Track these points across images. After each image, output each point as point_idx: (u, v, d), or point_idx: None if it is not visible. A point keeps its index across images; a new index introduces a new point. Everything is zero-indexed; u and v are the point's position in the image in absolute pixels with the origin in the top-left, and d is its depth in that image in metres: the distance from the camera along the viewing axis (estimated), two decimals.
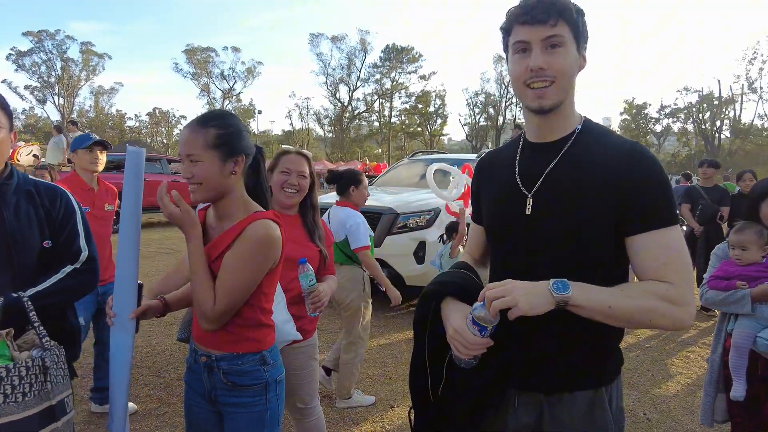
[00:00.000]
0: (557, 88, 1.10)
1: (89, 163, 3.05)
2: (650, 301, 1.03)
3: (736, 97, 53.18)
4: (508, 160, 1.28)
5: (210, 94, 62.35)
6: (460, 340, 1.08)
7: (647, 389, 3.74)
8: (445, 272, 1.31)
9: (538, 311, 1.01)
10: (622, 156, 1.10)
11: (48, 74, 55.10)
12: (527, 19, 1.09)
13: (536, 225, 1.16)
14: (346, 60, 58.90)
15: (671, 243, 1.07)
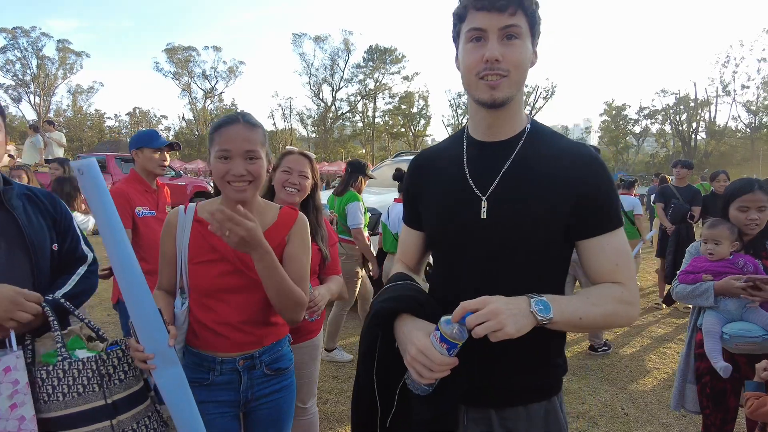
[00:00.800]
0: (510, 82, 1.05)
1: (157, 165, 2.83)
2: (612, 306, 1.07)
3: (711, 100, 54.48)
4: (453, 159, 1.19)
5: (191, 93, 61.61)
6: (424, 361, 0.97)
7: (625, 385, 3.84)
8: (394, 285, 1.17)
9: (522, 333, 0.96)
10: (576, 160, 1.10)
11: (23, 72, 53.79)
12: (485, 4, 1.02)
13: (492, 229, 1.10)
14: (330, 60, 58.77)
15: (620, 245, 1.11)
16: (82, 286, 1.53)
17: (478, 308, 0.95)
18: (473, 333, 0.94)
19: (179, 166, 26.93)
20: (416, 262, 1.35)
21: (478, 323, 0.93)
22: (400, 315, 1.10)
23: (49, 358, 1.30)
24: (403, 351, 1.04)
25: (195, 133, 60.82)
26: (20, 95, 54.50)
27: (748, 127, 53.59)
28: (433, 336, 0.99)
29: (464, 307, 0.96)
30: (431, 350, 0.97)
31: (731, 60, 52.24)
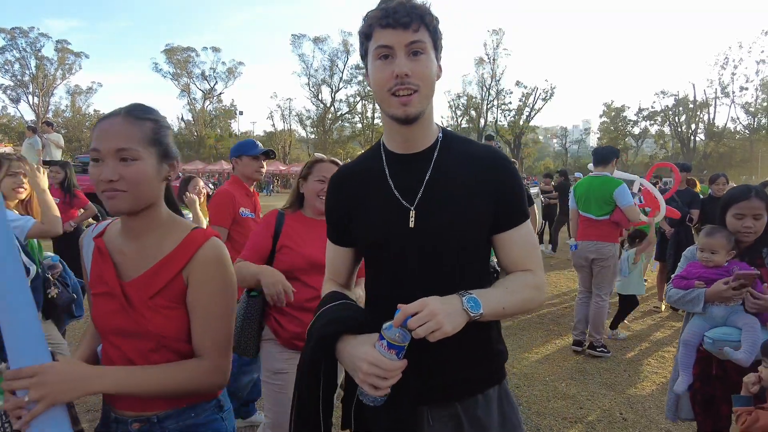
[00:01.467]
0: (421, 96, 1.09)
1: (254, 171, 3.05)
2: (527, 293, 1.17)
3: (710, 101, 54.56)
4: (376, 173, 1.22)
5: (190, 94, 61.59)
6: (377, 371, 1.00)
7: (623, 389, 3.82)
8: (331, 307, 1.17)
9: (458, 330, 1.02)
10: (488, 162, 1.18)
11: (22, 73, 53.79)
12: (390, 22, 1.06)
13: (422, 237, 1.15)
14: (329, 61, 58.81)
15: (528, 236, 1.22)
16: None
17: (417, 311, 0.99)
18: (414, 334, 0.99)
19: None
20: (347, 278, 1.37)
21: (419, 325, 0.98)
22: (342, 336, 1.11)
23: None
24: (352, 370, 1.06)
25: (194, 134, 60.80)
26: (19, 96, 54.50)
27: (746, 129, 53.67)
28: (379, 345, 1.02)
29: (405, 311, 1.00)
30: (382, 360, 1.01)
31: (730, 62, 52.36)
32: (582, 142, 76.89)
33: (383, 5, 1.09)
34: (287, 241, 2.10)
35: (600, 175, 4.57)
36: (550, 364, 4.26)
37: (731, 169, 46.98)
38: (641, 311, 5.94)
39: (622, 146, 61.26)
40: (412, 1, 1.09)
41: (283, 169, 46.14)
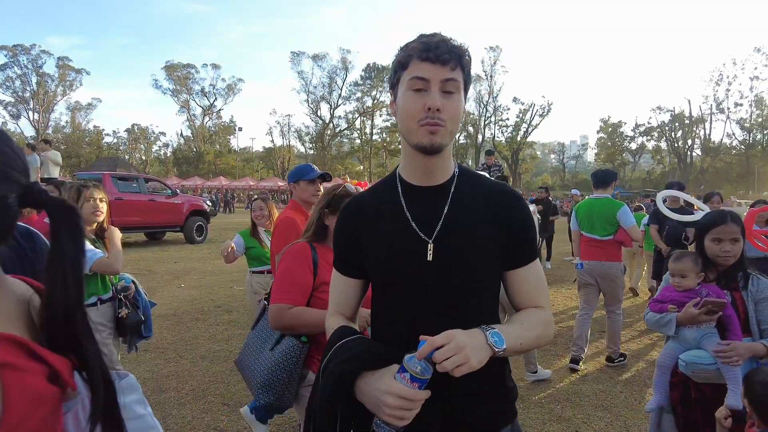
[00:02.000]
0: (446, 132, 1.11)
1: (311, 195, 3.10)
2: (541, 329, 1.18)
3: (706, 117, 55.06)
4: (390, 204, 1.22)
5: (190, 110, 62.01)
6: (402, 404, 0.99)
7: (619, 411, 3.79)
8: (347, 342, 1.15)
9: (482, 365, 1.01)
10: (503, 199, 1.21)
11: (23, 89, 54.21)
12: (430, 56, 1.08)
13: (440, 270, 1.15)
14: (328, 78, 59.38)
15: (539, 272, 1.25)
16: None
17: (444, 344, 0.98)
18: (440, 367, 0.97)
19: (176, 184, 26.90)
20: (353, 311, 1.35)
21: (445, 358, 0.97)
22: (361, 373, 1.10)
23: None
24: (376, 406, 1.04)
25: (193, 150, 61.02)
26: (19, 112, 54.86)
27: (742, 144, 54.05)
28: (401, 377, 1.01)
29: (431, 344, 0.99)
30: (407, 391, 1.00)
31: (724, 78, 52.97)
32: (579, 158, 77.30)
33: (425, 39, 1.11)
34: (328, 278, 1.98)
35: (602, 197, 4.73)
36: (545, 386, 4.23)
37: (728, 185, 47.20)
38: (638, 331, 5.91)
39: (620, 161, 61.62)
40: (453, 40, 1.12)
41: (281, 185, 46.19)
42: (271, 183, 46.66)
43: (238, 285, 8.03)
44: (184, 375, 4.16)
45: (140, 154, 66.39)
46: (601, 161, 65.18)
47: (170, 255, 11.71)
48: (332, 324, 1.28)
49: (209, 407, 3.57)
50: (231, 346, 4.92)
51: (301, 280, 1.92)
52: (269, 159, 63.32)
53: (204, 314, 6.17)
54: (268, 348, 1.94)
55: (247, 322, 5.77)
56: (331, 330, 1.25)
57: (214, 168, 57.32)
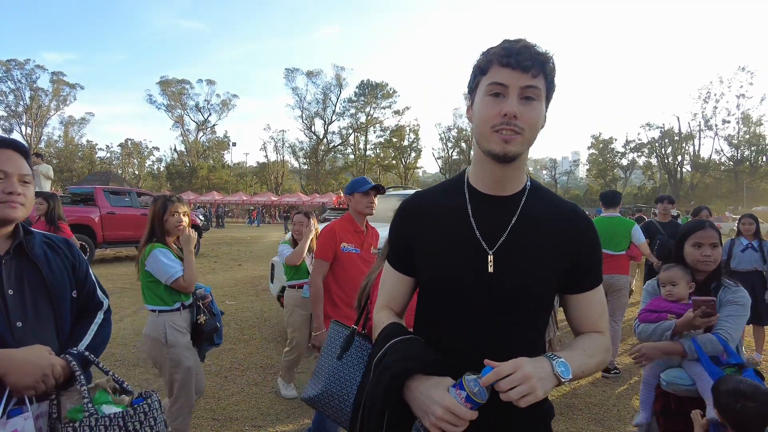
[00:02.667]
0: (523, 140, 1.07)
1: (365, 207, 3.17)
2: (602, 356, 1.17)
3: (695, 134, 55.83)
4: (456, 209, 1.18)
5: (184, 125, 62.05)
6: (451, 418, 0.97)
7: (612, 425, 3.77)
8: (401, 341, 1.12)
9: (547, 395, 1.01)
10: (573, 220, 1.18)
11: (16, 104, 54.04)
12: (511, 62, 1.04)
13: (498, 284, 1.11)
14: (322, 95, 59.78)
15: (603, 299, 1.23)
16: (101, 336, 1.55)
17: (511, 372, 0.97)
18: (504, 396, 0.96)
19: None
20: (403, 307, 1.32)
21: (511, 387, 0.96)
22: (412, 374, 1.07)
23: (75, 413, 1.28)
24: (423, 411, 1.02)
25: (186, 165, 60.91)
26: (12, 126, 54.58)
27: (730, 161, 54.79)
28: (456, 393, 1.00)
29: (498, 373, 0.97)
30: (459, 407, 0.98)
31: (712, 96, 53.89)
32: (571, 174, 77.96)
33: (507, 44, 1.08)
34: None
35: (614, 216, 5.24)
36: None
37: (717, 200, 47.70)
38: (630, 344, 5.91)
39: (611, 177, 62.17)
40: (537, 47, 1.08)
41: (275, 200, 46.13)
42: (264, 198, 46.57)
43: (229, 300, 7.97)
44: None
45: (133, 168, 66.18)
46: (592, 177, 65.79)
47: None
48: (383, 318, 1.25)
49: (199, 422, 3.52)
50: (221, 361, 4.86)
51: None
52: (263, 174, 63.30)
53: None
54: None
55: (239, 337, 5.72)
56: (381, 324, 1.22)
57: (207, 183, 57.18)
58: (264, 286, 9.20)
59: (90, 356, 1.41)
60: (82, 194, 12.61)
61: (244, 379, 4.37)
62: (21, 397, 1.25)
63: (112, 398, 1.36)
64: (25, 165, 1.44)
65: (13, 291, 1.34)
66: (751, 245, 5.32)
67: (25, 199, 1.41)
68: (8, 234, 1.42)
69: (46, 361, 1.29)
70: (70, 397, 1.32)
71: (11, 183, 1.37)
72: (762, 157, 53.91)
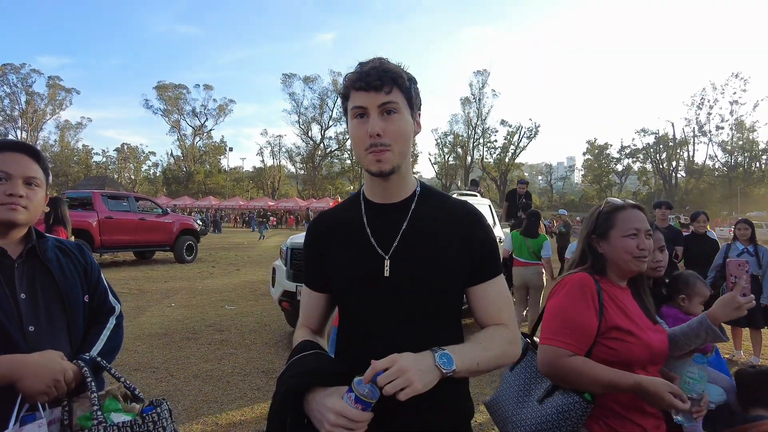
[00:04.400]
0: (394, 153, 1.14)
1: None
2: (501, 348, 1.17)
3: (689, 139, 56.26)
4: (354, 221, 1.25)
5: (180, 130, 61.99)
6: (343, 422, 1.00)
7: None
8: (302, 357, 1.16)
9: (429, 387, 1.01)
10: (463, 216, 1.22)
11: (11, 108, 53.92)
12: (363, 85, 1.12)
13: (396, 286, 1.16)
14: (318, 100, 59.93)
15: (502, 290, 1.24)
16: (113, 341, 1.53)
17: (388, 367, 0.99)
18: (384, 391, 0.98)
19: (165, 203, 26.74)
20: (320, 324, 1.36)
21: (388, 382, 0.97)
22: (310, 388, 1.10)
23: (84, 421, 1.27)
24: (319, 422, 1.05)
25: (183, 170, 60.82)
26: (7, 130, 54.34)
27: (724, 166, 55.20)
28: (347, 398, 1.02)
29: (374, 368, 1.00)
30: (349, 410, 1.00)
31: (705, 102, 54.37)
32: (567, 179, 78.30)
33: (358, 68, 1.16)
34: (619, 322, 1.57)
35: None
36: None
37: (712, 206, 47.99)
38: None
39: (606, 183, 62.49)
40: (386, 64, 1.15)
41: (272, 204, 46.09)
42: (261, 203, 46.53)
43: (229, 305, 7.96)
44: (177, 394, 4.10)
45: (129, 173, 66.01)
46: (588, 182, 66.09)
47: (160, 274, 11.58)
48: (298, 337, 1.30)
49: (203, 427, 3.52)
50: (223, 366, 4.86)
51: (584, 321, 1.55)
52: (259, 179, 63.28)
53: (195, 334, 6.09)
54: (535, 398, 1.60)
55: (240, 342, 5.72)
56: (295, 342, 1.27)
57: (203, 188, 57.10)
58: (263, 291, 9.19)
59: (102, 362, 1.41)
60: (80, 198, 12.59)
61: (246, 384, 4.37)
62: (34, 403, 1.24)
63: (122, 406, 1.35)
64: (33, 168, 1.41)
65: (25, 295, 1.34)
66: (746, 250, 5.38)
67: (29, 202, 1.38)
68: (21, 238, 1.41)
69: (58, 366, 1.27)
70: (82, 404, 1.30)
71: (13, 185, 1.35)
72: (756, 163, 54.38)
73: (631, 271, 1.65)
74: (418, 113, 1.21)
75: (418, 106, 1.20)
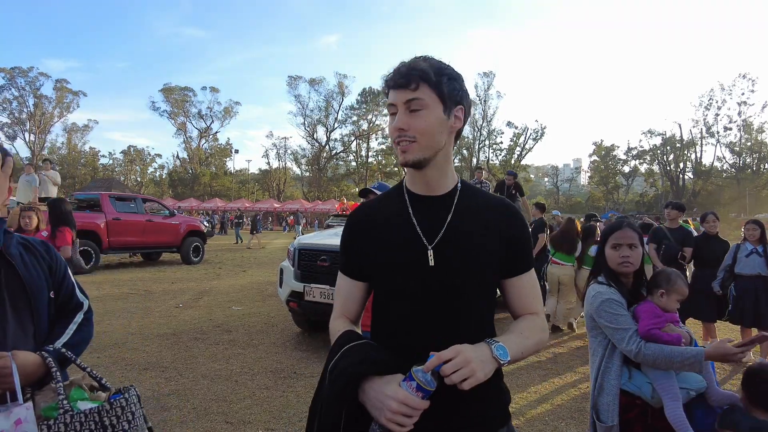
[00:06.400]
0: (420, 146, 1.18)
1: None
2: (539, 335, 1.26)
3: (696, 140, 55.85)
4: (398, 211, 1.28)
5: (186, 132, 62.29)
6: (405, 410, 1.03)
7: None
8: (355, 346, 1.17)
9: (488, 377, 1.07)
10: (502, 211, 1.29)
11: (19, 111, 54.36)
12: (391, 83, 1.19)
13: (440, 275, 1.20)
14: (324, 102, 60.00)
15: (534, 281, 1.33)
16: (81, 334, 1.54)
17: (451, 357, 1.04)
18: (448, 380, 1.02)
19: (172, 205, 26.85)
20: (358, 314, 1.38)
21: (453, 371, 1.02)
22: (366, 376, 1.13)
23: (49, 411, 1.27)
24: (378, 410, 1.07)
25: (189, 172, 61.09)
26: (15, 133, 54.88)
27: (733, 167, 54.76)
28: (407, 385, 1.06)
29: (439, 358, 1.04)
30: (411, 398, 1.04)
31: (713, 103, 53.98)
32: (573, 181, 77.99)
33: (392, 68, 1.22)
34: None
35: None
36: (549, 404, 4.22)
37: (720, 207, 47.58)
38: None
39: (613, 184, 62.15)
40: (417, 62, 1.19)
41: (277, 206, 46.18)
42: (267, 205, 46.66)
43: (236, 305, 7.99)
44: (186, 393, 4.12)
45: (135, 175, 66.38)
46: (594, 184, 65.80)
47: (167, 275, 11.64)
48: (338, 326, 1.31)
49: (212, 426, 3.54)
50: (231, 365, 4.88)
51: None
52: (265, 181, 63.47)
53: (203, 334, 6.12)
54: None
55: (248, 342, 5.74)
56: (336, 332, 1.27)
57: (209, 190, 57.33)
58: (270, 292, 9.23)
59: (68, 353, 1.40)
60: (88, 200, 12.68)
61: (255, 383, 4.39)
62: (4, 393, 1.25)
63: (88, 395, 1.36)
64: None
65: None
66: (755, 250, 5.34)
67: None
68: None
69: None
70: (45, 395, 1.30)
71: None
72: (764, 164, 53.91)
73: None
74: (459, 107, 1.23)
75: (455, 101, 1.22)
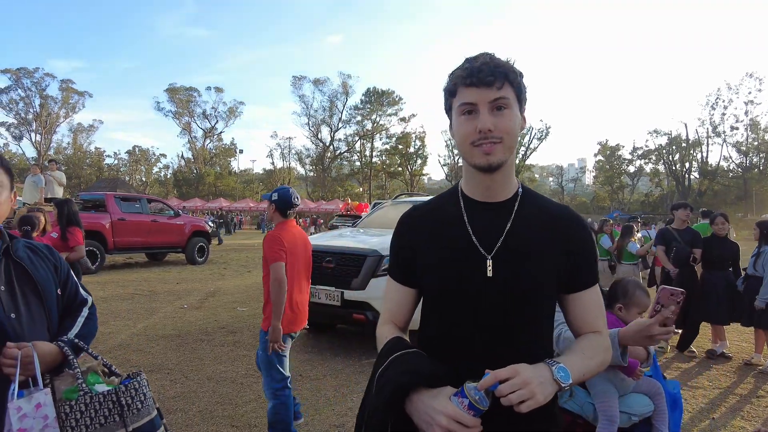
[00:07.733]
0: (504, 147, 1.12)
1: None
2: (602, 356, 1.18)
3: (702, 140, 55.50)
4: (452, 218, 1.22)
5: (191, 132, 62.45)
6: (455, 427, 0.98)
7: None
8: (403, 355, 1.13)
9: (548, 400, 1.01)
10: (566, 221, 1.21)
11: (26, 111, 54.62)
12: (474, 81, 1.10)
13: (499, 287, 1.13)
14: (328, 102, 59.99)
15: (598, 298, 1.24)
16: (87, 328, 1.64)
17: (509, 377, 0.98)
18: (505, 400, 0.96)
19: (177, 205, 26.89)
20: (406, 321, 1.33)
21: (511, 392, 0.96)
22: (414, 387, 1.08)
23: (70, 394, 1.39)
24: (427, 423, 1.02)
25: (193, 172, 61.25)
26: (21, 133, 55.18)
27: (739, 167, 54.39)
28: (458, 401, 1.00)
29: (495, 376, 0.98)
30: (463, 415, 0.98)
31: (720, 102, 53.62)
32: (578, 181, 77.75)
33: (468, 64, 1.13)
34: None
35: None
36: None
37: (727, 207, 47.27)
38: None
39: (618, 184, 61.88)
40: (495, 59, 1.13)
41: None
42: None
43: (241, 306, 7.97)
44: (191, 396, 4.09)
45: (140, 175, 66.64)
46: (599, 184, 65.56)
47: (172, 276, 11.64)
48: (385, 333, 1.26)
49: (218, 428, 3.51)
50: (237, 367, 4.85)
51: None
52: (269, 181, 63.56)
53: (208, 335, 6.10)
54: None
55: (253, 343, 5.70)
56: (384, 338, 1.23)
57: (214, 190, 57.47)
58: None
59: (80, 343, 1.52)
60: (93, 200, 12.71)
61: (260, 386, 4.32)
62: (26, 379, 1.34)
63: (103, 380, 1.49)
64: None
65: (4, 288, 1.43)
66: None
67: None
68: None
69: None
70: (64, 380, 1.42)
71: None
72: None
73: None
74: (525, 108, 1.19)
75: (525, 100, 1.19)
